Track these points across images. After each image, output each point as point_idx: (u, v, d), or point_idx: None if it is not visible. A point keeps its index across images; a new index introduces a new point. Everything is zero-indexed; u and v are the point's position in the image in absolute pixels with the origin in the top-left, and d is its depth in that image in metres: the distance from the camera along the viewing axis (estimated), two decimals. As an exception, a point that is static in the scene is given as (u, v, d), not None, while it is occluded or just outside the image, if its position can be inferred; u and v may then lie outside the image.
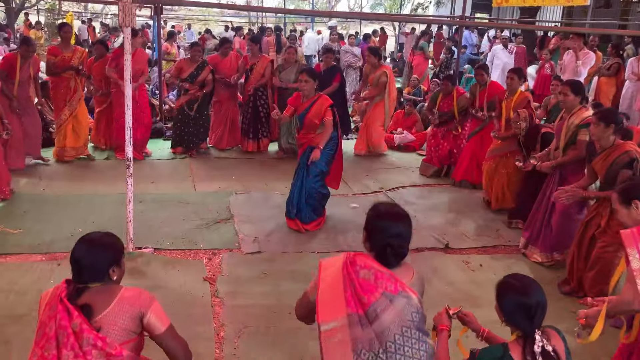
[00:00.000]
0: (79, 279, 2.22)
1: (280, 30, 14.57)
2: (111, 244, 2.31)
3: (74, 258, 2.23)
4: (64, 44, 7.11)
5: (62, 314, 2.12)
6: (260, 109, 7.88)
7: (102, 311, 2.15)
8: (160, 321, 2.24)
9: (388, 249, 2.20)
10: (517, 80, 5.90)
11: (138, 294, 2.24)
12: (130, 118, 4.34)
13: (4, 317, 3.60)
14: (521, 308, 2.16)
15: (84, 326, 2.10)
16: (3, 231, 4.94)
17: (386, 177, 7.18)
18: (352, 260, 2.17)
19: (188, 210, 5.69)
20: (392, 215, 2.29)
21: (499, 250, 5.12)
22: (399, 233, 2.23)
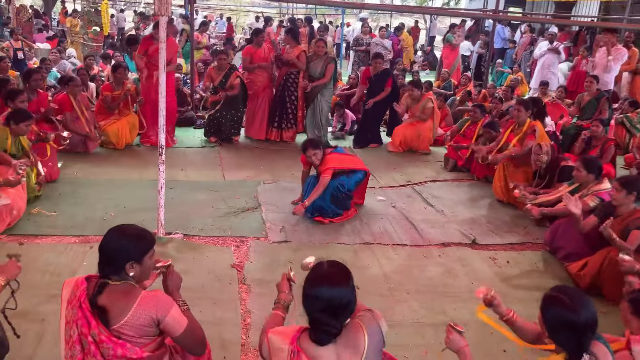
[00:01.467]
0: (102, 271, 2.28)
1: (311, 22, 14.53)
2: (138, 238, 2.32)
3: (100, 246, 2.29)
4: (116, 83, 7.43)
5: (82, 321, 2.19)
6: (287, 100, 7.93)
7: (121, 318, 2.19)
8: (178, 325, 2.27)
9: (316, 326, 2.02)
10: (524, 112, 5.90)
11: (156, 300, 2.24)
12: (164, 105, 4.41)
13: (40, 295, 3.72)
14: (568, 327, 2.00)
15: (102, 337, 2.17)
16: (39, 213, 5.09)
17: (414, 171, 7.17)
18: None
19: (217, 197, 5.77)
20: (327, 281, 2.05)
21: (526, 247, 5.07)
22: (328, 306, 1.99)
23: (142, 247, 2.32)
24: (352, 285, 2.10)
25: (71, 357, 2.23)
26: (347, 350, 2.02)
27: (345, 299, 2.03)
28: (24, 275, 3.93)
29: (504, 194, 6.01)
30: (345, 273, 2.12)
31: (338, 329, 2.03)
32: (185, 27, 12.92)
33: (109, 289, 2.24)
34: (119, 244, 2.27)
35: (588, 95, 7.74)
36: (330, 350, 2.03)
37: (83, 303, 2.21)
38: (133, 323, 2.20)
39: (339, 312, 2.02)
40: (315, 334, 2.03)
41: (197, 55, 12.35)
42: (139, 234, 2.35)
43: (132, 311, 2.20)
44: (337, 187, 5.32)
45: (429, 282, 4.31)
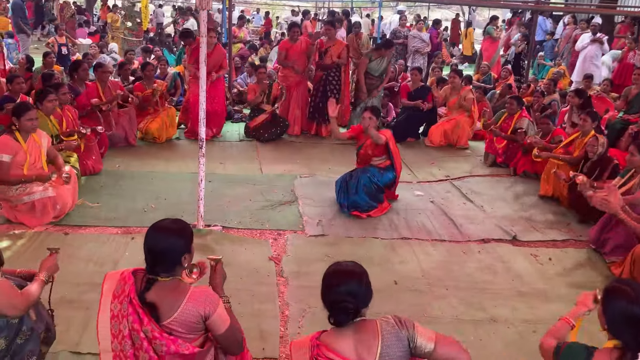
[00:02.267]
0: (152, 269, 2.28)
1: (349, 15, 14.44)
2: (182, 231, 2.35)
3: (147, 247, 2.28)
4: (147, 81, 7.55)
5: (134, 317, 2.22)
6: (329, 94, 7.92)
7: (172, 313, 2.22)
8: (222, 323, 2.29)
9: (334, 307, 2.13)
10: (590, 122, 5.70)
11: (205, 297, 2.27)
12: (204, 99, 4.46)
13: (84, 284, 3.82)
14: (629, 319, 1.98)
15: (155, 333, 2.20)
16: (83, 204, 5.22)
17: (452, 166, 7.07)
18: (315, 355, 2.11)
19: (254, 191, 5.82)
20: (339, 274, 2.19)
21: (569, 245, 4.94)
22: (344, 290, 2.12)
23: (189, 237, 2.37)
24: (366, 279, 2.19)
25: (121, 350, 2.26)
26: (364, 344, 2.10)
27: (361, 286, 2.14)
28: (69, 265, 4.10)
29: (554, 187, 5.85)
30: (359, 268, 2.22)
31: (355, 306, 2.10)
32: None
33: (157, 285, 2.26)
34: (169, 241, 2.27)
35: (636, 89, 7.46)
36: (349, 343, 2.10)
37: (133, 299, 2.24)
38: (182, 319, 2.23)
39: (355, 294, 2.11)
40: (334, 316, 2.12)
41: (234, 50, 12.45)
42: (181, 227, 2.37)
43: (181, 307, 2.23)
44: (368, 178, 5.33)
45: (468, 279, 4.25)
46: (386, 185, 5.48)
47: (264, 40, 16.42)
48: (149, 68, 7.63)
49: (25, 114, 4.62)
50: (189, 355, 2.25)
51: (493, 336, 3.54)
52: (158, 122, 7.40)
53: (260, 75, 7.97)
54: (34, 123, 4.69)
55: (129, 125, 7.15)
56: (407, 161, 6.97)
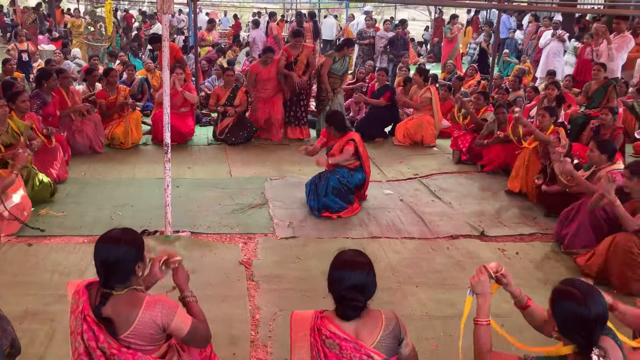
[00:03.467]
0: (106, 282, 2.23)
1: (314, 17, 14.49)
2: (133, 240, 2.30)
3: (99, 260, 2.22)
4: (110, 88, 7.43)
5: (88, 334, 2.16)
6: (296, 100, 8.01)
7: (127, 327, 2.18)
8: (184, 326, 2.26)
9: (343, 302, 2.22)
10: (548, 117, 5.82)
11: (161, 306, 2.22)
12: (168, 103, 4.41)
13: (49, 295, 3.74)
14: (578, 321, 1.98)
15: (113, 350, 2.16)
16: (48, 213, 5.11)
17: (420, 164, 7.13)
18: (318, 328, 2.21)
19: (224, 195, 5.77)
20: (349, 265, 2.26)
21: (536, 238, 5.03)
22: (354, 285, 2.20)
23: (140, 245, 2.32)
24: (373, 271, 2.30)
25: None
26: (366, 328, 2.23)
27: (368, 279, 2.25)
28: (33, 276, 4.00)
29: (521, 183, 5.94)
30: (367, 259, 2.33)
31: (363, 302, 2.23)
32: None
33: (112, 299, 2.21)
34: (121, 252, 2.22)
35: (596, 84, 7.64)
36: (351, 325, 2.23)
37: (87, 316, 2.18)
38: (139, 331, 2.19)
39: (363, 289, 2.23)
40: (342, 309, 2.22)
41: (202, 53, 12.35)
42: (131, 236, 2.32)
43: (137, 319, 2.18)
44: (337, 179, 5.35)
45: (438, 275, 4.29)
46: (356, 186, 5.50)
47: (233, 43, 16.32)
48: (112, 74, 7.50)
49: None
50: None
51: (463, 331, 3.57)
52: (123, 127, 7.28)
53: (228, 78, 7.92)
54: None
55: (94, 133, 7.01)
56: (376, 160, 7.01)
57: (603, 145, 4.77)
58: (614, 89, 7.56)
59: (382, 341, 2.21)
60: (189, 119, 7.78)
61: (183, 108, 7.61)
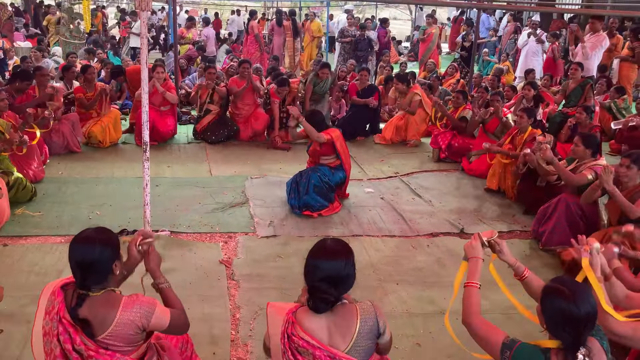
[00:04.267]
0: (82, 283, 2.18)
1: (294, 15, 14.43)
2: (109, 239, 2.25)
3: (75, 261, 2.17)
4: (88, 85, 7.33)
5: (64, 337, 2.12)
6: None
7: (106, 328, 2.14)
8: (163, 321, 2.24)
9: (314, 294, 2.13)
10: (526, 119, 5.89)
11: (139, 306, 2.19)
12: (147, 101, 4.36)
13: (25, 297, 3.67)
14: (567, 319, 1.95)
15: (90, 352, 2.12)
16: (24, 213, 5.02)
17: (401, 162, 7.17)
18: (289, 335, 2.11)
19: (204, 193, 5.73)
20: (326, 254, 2.18)
21: (514, 236, 5.10)
22: (327, 276, 2.12)
23: (116, 244, 2.27)
24: (352, 262, 2.21)
25: None
26: (338, 330, 2.13)
27: (344, 271, 2.16)
28: (9, 277, 3.93)
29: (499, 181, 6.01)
30: (347, 249, 2.24)
31: (335, 297, 2.14)
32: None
33: (89, 300, 2.17)
34: (97, 252, 2.17)
35: (573, 83, 7.77)
36: (322, 325, 2.14)
37: (63, 317, 2.13)
38: (118, 332, 2.15)
39: (337, 282, 2.14)
40: (313, 301, 2.14)
41: (182, 51, 12.24)
42: (106, 235, 2.27)
43: (116, 320, 2.14)
44: (319, 177, 5.35)
45: (419, 273, 4.32)
46: (337, 184, 5.50)
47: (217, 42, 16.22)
48: (90, 71, 7.39)
49: None
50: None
51: (443, 328, 3.58)
52: (101, 125, 7.18)
53: (210, 75, 7.85)
54: None
55: (71, 132, 6.91)
56: (357, 159, 7.02)
57: (588, 140, 4.77)
58: (591, 88, 7.69)
59: (357, 343, 2.12)
60: (170, 118, 7.70)
61: (163, 107, 7.54)
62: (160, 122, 7.41)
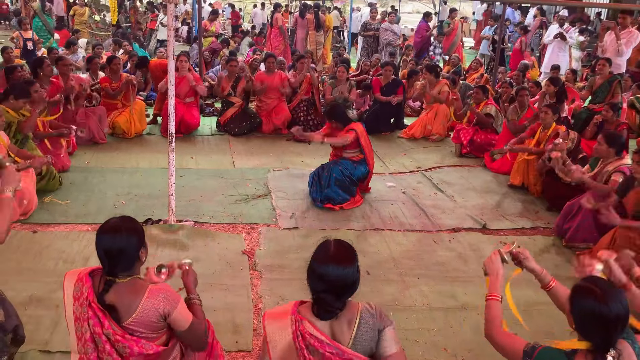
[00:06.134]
0: (110, 271, 2.24)
1: (318, 8, 14.41)
2: (134, 227, 2.30)
3: (102, 250, 2.22)
4: (113, 75, 7.43)
5: (94, 320, 2.19)
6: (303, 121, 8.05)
7: (131, 314, 2.20)
8: (184, 321, 2.28)
9: (319, 303, 2.08)
10: (551, 115, 5.79)
11: (163, 295, 2.24)
12: (173, 92, 4.42)
13: (54, 282, 3.76)
14: (597, 320, 1.90)
15: (117, 336, 2.18)
16: (52, 201, 5.14)
17: (423, 157, 7.14)
18: (302, 333, 2.06)
19: (227, 185, 5.80)
20: (333, 261, 2.07)
21: (537, 232, 5.06)
22: (333, 287, 2.03)
23: (141, 232, 2.33)
24: (356, 265, 2.12)
25: (84, 353, 2.24)
26: (341, 327, 2.09)
27: (351, 279, 2.07)
28: (38, 263, 4.03)
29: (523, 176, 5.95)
30: (351, 252, 2.14)
31: (340, 308, 2.08)
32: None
33: (116, 286, 2.23)
34: (126, 240, 2.23)
35: (600, 79, 7.63)
36: (325, 323, 2.10)
37: (92, 302, 2.20)
38: (142, 319, 2.21)
39: (343, 292, 2.07)
40: (318, 310, 2.09)
41: (205, 43, 12.34)
42: (131, 223, 2.32)
43: (140, 307, 2.20)
44: (340, 171, 5.37)
45: (440, 267, 4.32)
46: (359, 178, 5.51)
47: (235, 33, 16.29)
48: (115, 62, 7.49)
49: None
50: (153, 355, 2.24)
51: (463, 323, 3.61)
52: (125, 116, 7.29)
53: (232, 68, 7.92)
54: None
55: (97, 125, 7.03)
56: (379, 153, 7.02)
57: (612, 138, 4.69)
58: (619, 84, 7.55)
59: (359, 339, 2.08)
60: (194, 110, 7.79)
61: (188, 98, 7.61)
62: (186, 113, 7.49)
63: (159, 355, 2.25)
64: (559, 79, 7.91)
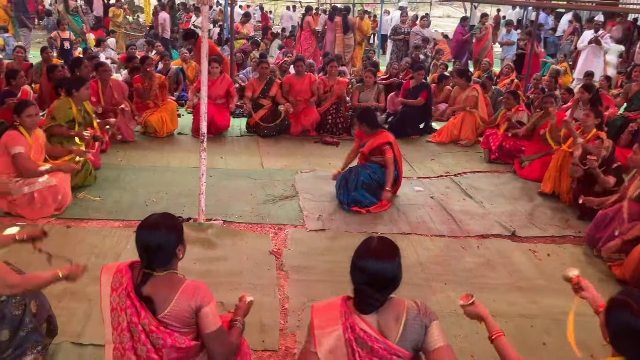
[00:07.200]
0: (148, 265, 2.30)
1: (348, 11, 14.43)
2: (173, 224, 2.36)
3: (141, 245, 2.28)
4: (145, 75, 7.59)
5: (131, 310, 2.25)
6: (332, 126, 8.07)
7: (166, 307, 2.25)
8: (213, 321, 2.29)
9: (360, 296, 2.13)
10: (592, 118, 5.64)
11: (198, 290, 2.28)
12: (205, 94, 4.49)
13: (86, 277, 3.78)
14: (632, 333, 1.89)
15: (152, 327, 2.23)
16: (85, 197, 5.27)
17: (452, 161, 7.10)
18: (352, 325, 2.11)
19: (255, 185, 5.86)
20: (374, 256, 2.14)
21: (567, 241, 4.97)
22: (374, 280, 2.10)
23: (180, 229, 2.38)
24: (398, 262, 2.18)
25: (120, 342, 2.29)
26: (387, 323, 2.14)
27: (390, 274, 2.14)
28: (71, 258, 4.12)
29: (554, 184, 5.85)
30: (393, 249, 2.21)
31: (381, 302, 2.13)
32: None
33: (153, 279, 2.29)
34: (164, 237, 2.29)
35: (636, 86, 7.48)
36: (372, 317, 2.15)
37: (131, 292, 2.27)
38: (175, 313, 2.26)
39: (383, 286, 2.13)
40: (359, 303, 2.15)
41: (237, 45, 12.47)
42: (171, 220, 2.38)
43: (174, 301, 2.26)
44: (368, 174, 5.38)
45: (467, 273, 4.28)
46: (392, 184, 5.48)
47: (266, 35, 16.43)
48: (147, 62, 7.65)
49: (24, 110, 4.69)
50: (185, 349, 2.28)
51: (491, 330, 3.57)
52: (157, 115, 7.43)
53: (263, 70, 7.99)
54: (33, 119, 4.75)
55: (126, 124, 7.17)
56: (407, 157, 7.00)
57: None
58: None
59: (406, 334, 2.12)
60: (225, 111, 7.90)
61: (219, 100, 7.71)
62: (217, 115, 7.59)
63: (190, 349, 2.29)
64: (593, 85, 7.78)
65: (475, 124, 7.89)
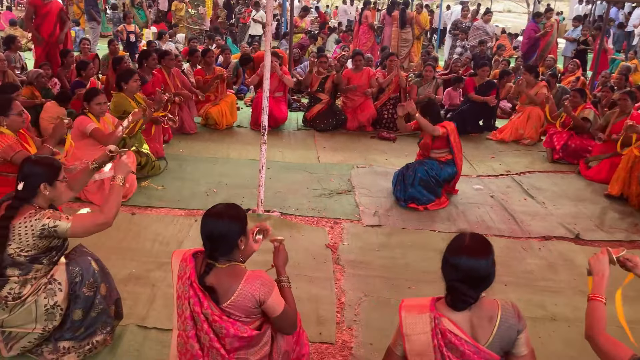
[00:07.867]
0: (211, 254, 2.35)
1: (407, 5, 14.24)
2: (237, 215, 2.39)
3: (205, 234, 2.34)
4: (207, 67, 7.77)
5: (194, 299, 2.30)
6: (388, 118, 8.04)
7: (229, 297, 2.29)
8: (277, 307, 2.34)
9: (453, 293, 2.12)
10: (630, 102, 5.37)
11: (260, 282, 2.31)
12: (267, 87, 4.55)
13: (151, 262, 4.00)
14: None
15: (215, 316, 2.28)
16: (149, 186, 5.45)
17: (513, 160, 6.91)
18: (442, 331, 2.09)
19: (312, 179, 5.89)
20: (467, 253, 2.12)
21: (636, 246, 4.75)
22: (467, 277, 2.08)
23: (244, 220, 2.42)
24: (492, 259, 2.15)
25: (184, 330, 2.36)
26: (480, 323, 2.12)
27: (484, 271, 2.11)
28: (137, 244, 4.29)
29: (623, 186, 5.61)
30: (486, 246, 2.17)
31: (474, 299, 2.12)
32: None
33: (216, 270, 2.34)
34: (226, 226, 2.33)
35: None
36: (466, 317, 2.13)
37: (194, 282, 2.32)
38: (238, 303, 2.30)
39: (476, 283, 2.11)
40: (452, 300, 2.14)
41: (295, 40, 12.56)
42: (235, 211, 2.42)
43: (237, 291, 2.29)
44: (425, 171, 5.30)
45: (528, 275, 4.17)
46: (445, 179, 5.41)
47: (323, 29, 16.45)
48: (209, 54, 7.82)
49: (94, 98, 4.90)
50: (247, 338, 2.33)
51: (553, 335, 3.47)
52: (218, 108, 7.59)
53: (322, 64, 8.01)
54: (102, 107, 4.94)
55: (189, 115, 7.35)
56: (467, 154, 6.86)
57: None
58: None
59: (497, 338, 2.10)
60: (283, 104, 7.98)
61: (277, 93, 7.80)
62: (274, 108, 7.67)
63: (252, 339, 2.33)
64: (633, 92, 7.35)
65: (540, 123, 7.63)
